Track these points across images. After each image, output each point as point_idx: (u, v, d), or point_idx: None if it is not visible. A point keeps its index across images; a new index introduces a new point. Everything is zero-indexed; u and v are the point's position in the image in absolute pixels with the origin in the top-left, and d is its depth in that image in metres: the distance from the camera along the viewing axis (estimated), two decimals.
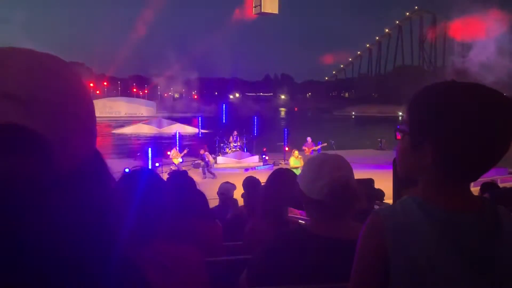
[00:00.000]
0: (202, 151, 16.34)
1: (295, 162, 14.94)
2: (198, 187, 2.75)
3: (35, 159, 0.49)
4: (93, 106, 0.60)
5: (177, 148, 16.64)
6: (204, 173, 15.73)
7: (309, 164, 1.52)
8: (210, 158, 16.26)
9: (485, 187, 4.63)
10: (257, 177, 4.47)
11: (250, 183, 4.27)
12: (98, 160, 0.62)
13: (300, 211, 2.47)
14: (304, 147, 18.02)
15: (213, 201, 5.35)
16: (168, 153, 16.89)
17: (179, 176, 2.61)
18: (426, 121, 0.97)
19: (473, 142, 0.93)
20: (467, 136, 0.93)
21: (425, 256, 0.93)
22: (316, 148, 17.95)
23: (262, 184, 3.76)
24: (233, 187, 5.36)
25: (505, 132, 0.94)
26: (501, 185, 6.98)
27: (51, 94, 0.52)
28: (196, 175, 14.36)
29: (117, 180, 1.50)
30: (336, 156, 1.53)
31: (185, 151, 16.77)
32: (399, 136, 1.05)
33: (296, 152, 15.59)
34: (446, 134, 0.95)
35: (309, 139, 18.15)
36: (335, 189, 1.40)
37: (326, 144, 18.81)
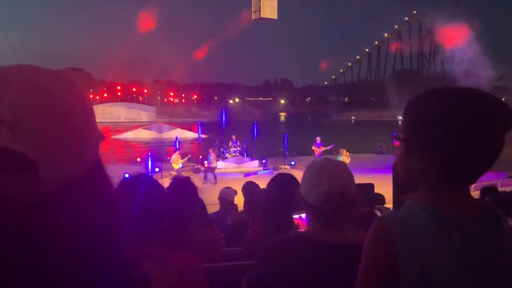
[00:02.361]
0: (210, 150, 16.24)
1: (345, 160, 15.16)
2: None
3: (22, 178, 0.51)
4: (90, 117, 0.60)
5: (179, 153, 16.53)
6: (205, 178, 15.68)
7: (309, 169, 1.52)
8: (214, 160, 16.13)
9: (485, 191, 4.62)
10: (256, 182, 4.47)
11: (250, 188, 4.26)
12: (98, 169, 0.63)
13: None
14: (313, 148, 17.67)
15: (213, 206, 5.34)
16: (168, 158, 16.85)
17: (182, 182, 2.60)
18: (418, 127, 0.99)
19: (466, 145, 0.94)
20: (460, 139, 0.94)
21: (436, 262, 0.92)
22: (326, 148, 17.57)
23: (262, 189, 3.75)
24: (234, 192, 5.35)
25: (496, 134, 0.94)
26: (501, 189, 6.98)
27: (38, 114, 0.53)
28: (196, 180, 14.28)
29: (116, 185, 1.50)
30: (336, 163, 1.52)
31: (187, 158, 16.72)
32: (397, 143, 1.06)
33: (345, 151, 15.56)
34: (438, 139, 0.96)
35: (318, 138, 17.76)
36: (331, 197, 1.40)
37: (334, 145, 18.22)
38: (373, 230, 1.01)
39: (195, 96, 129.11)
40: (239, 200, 4.74)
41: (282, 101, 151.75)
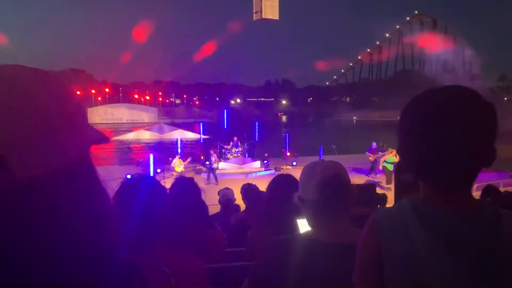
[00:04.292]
0: (212, 151, 16.29)
1: (392, 159, 14.56)
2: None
3: None
4: (73, 117, 0.60)
5: (180, 157, 16.51)
6: (208, 178, 15.69)
7: (304, 169, 1.57)
8: (215, 161, 16.14)
9: (486, 191, 4.61)
10: (255, 183, 4.51)
11: (247, 190, 4.29)
12: (84, 171, 0.62)
13: None
14: (368, 153, 16.28)
15: (215, 207, 5.35)
16: (170, 158, 16.84)
17: (186, 182, 2.61)
18: (397, 130, 1.03)
19: (423, 147, 0.96)
20: (417, 141, 0.97)
21: (416, 256, 0.94)
22: (381, 154, 15.79)
23: (261, 190, 3.76)
24: (232, 192, 5.36)
25: (474, 136, 0.93)
26: (503, 189, 6.96)
27: (4, 107, 0.53)
28: (198, 181, 14.26)
29: (118, 186, 1.51)
30: (329, 160, 1.60)
31: (188, 160, 16.69)
32: None
33: (395, 151, 15.06)
34: (402, 142, 1.01)
35: (374, 144, 16.40)
36: (328, 185, 1.44)
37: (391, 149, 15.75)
38: (366, 224, 1.07)
39: (196, 97, 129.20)
40: (240, 201, 4.75)
41: (284, 102, 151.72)
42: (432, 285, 0.92)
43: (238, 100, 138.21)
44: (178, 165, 15.97)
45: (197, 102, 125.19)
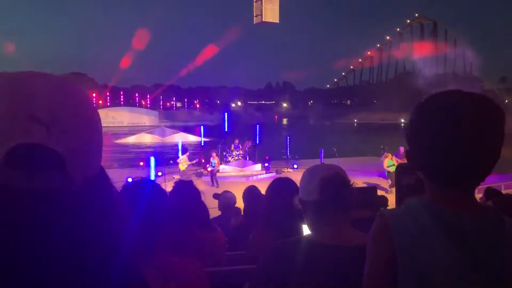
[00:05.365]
0: (214, 154, 16.34)
1: (389, 162, 14.29)
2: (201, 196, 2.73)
3: (52, 175, 0.55)
4: (101, 125, 0.64)
5: (187, 155, 16.65)
6: (212, 181, 15.68)
7: (304, 172, 1.58)
8: (217, 164, 16.17)
9: (488, 193, 4.60)
10: (257, 186, 4.49)
11: (249, 193, 4.28)
12: (102, 174, 0.65)
13: None
14: (395, 158, 14.89)
15: (216, 210, 5.34)
16: (171, 162, 16.92)
17: (184, 185, 2.61)
18: (406, 134, 1.04)
19: (432, 149, 0.97)
20: (424, 144, 0.98)
21: (433, 258, 0.93)
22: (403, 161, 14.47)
23: (262, 193, 3.75)
24: (233, 196, 5.34)
25: (480, 139, 0.94)
26: (505, 191, 6.95)
27: (69, 116, 0.57)
28: (199, 184, 14.30)
29: (119, 190, 1.50)
30: (328, 163, 1.64)
31: (194, 161, 16.81)
32: None
33: (390, 154, 14.75)
34: (411, 145, 1.02)
35: (401, 148, 15.10)
36: (329, 184, 1.46)
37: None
38: (374, 225, 1.05)
39: (197, 100, 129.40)
40: (241, 203, 4.74)
41: (284, 104, 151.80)
42: (447, 285, 0.92)
43: (239, 103, 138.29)
44: (183, 163, 16.09)
45: (198, 105, 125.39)
